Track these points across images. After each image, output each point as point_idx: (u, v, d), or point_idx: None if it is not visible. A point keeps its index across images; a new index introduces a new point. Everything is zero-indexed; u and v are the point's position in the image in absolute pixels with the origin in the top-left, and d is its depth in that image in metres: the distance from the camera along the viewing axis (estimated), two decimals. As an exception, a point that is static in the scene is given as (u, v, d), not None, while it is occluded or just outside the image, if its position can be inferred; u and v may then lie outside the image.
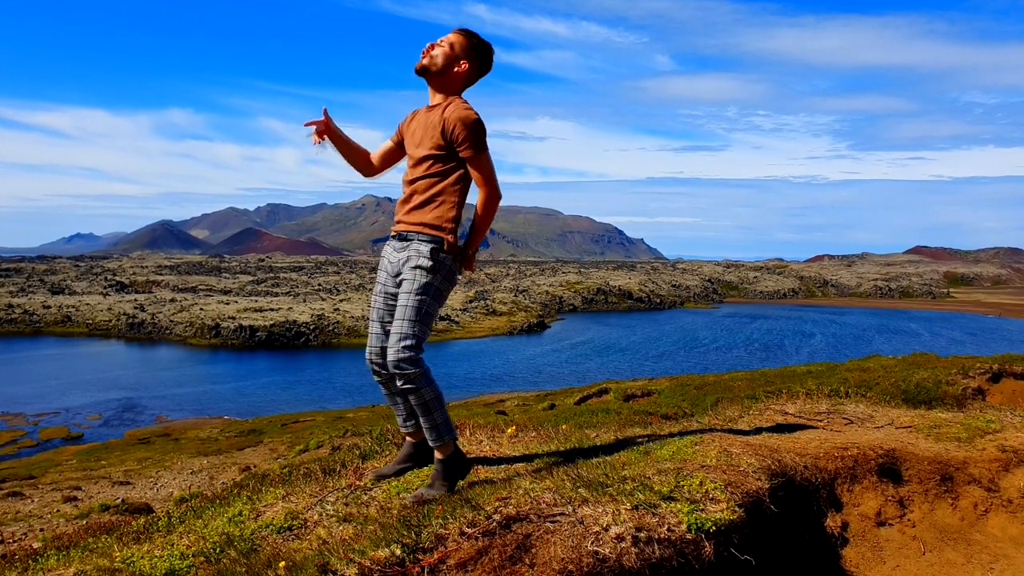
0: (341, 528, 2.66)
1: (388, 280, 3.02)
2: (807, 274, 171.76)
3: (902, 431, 3.97)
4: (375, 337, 3.04)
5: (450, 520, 2.36)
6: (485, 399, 39.65)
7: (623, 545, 2.28)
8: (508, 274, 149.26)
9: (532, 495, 2.52)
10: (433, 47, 2.95)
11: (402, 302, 2.87)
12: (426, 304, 2.86)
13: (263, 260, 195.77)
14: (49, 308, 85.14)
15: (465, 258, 3.00)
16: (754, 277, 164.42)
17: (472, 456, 3.43)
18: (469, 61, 2.95)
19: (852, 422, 4.20)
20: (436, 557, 2.20)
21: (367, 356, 3.06)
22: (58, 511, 17.78)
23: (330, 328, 78.39)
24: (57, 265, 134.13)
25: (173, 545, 2.78)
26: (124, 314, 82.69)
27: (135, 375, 56.02)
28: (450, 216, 2.91)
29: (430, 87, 2.98)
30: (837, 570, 3.18)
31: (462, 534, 2.29)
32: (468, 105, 2.89)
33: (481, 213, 2.94)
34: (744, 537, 2.58)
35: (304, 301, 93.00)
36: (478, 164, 2.88)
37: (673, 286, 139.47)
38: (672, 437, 3.67)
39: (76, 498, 19.48)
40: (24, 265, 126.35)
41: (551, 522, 2.35)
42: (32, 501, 19.39)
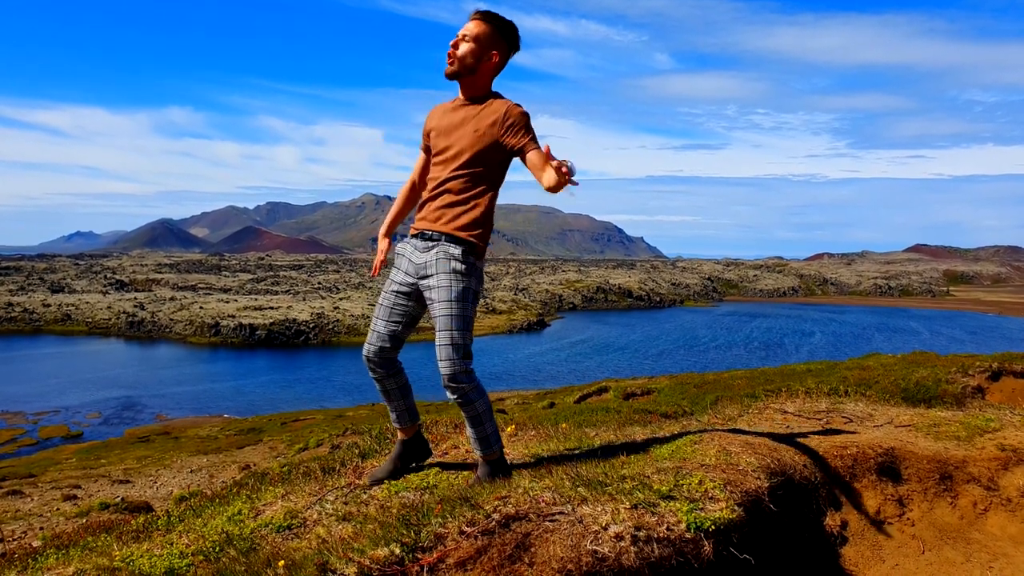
0: (340, 527, 2.66)
1: (405, 279, 2.88)
2: (807, 272, 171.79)
3: (901, 430, 3.97)
4: (376, 335, 2.93)
5: (449, 519, 2.36)
6: (485, 397, 39.56)
7: (622, 544, 2.28)
8: (508, 272, 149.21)
9: (531, 494, 2.53)
10: (457, 45, 2.79)
11: (444, 311, 2.74)
12: (468, 310, 2.76)
13: (263, 258, 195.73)
14: (49, 307, 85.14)
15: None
16: (754, 275, 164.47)
17: (472, 455, 3.43)
18: (498, 49, 2.81)
19: (851, 421, 4.20)
20: (435, 556, 2.20)
21: (364, 352, 2.96)
22: (58, 509, 17.78)
23: (330, 326, 78.40)
24: (57, 263, 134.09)
25: (172, 544, 2.78)
26: (124, 312, 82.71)
27: (135, 373, 56.03)
28: (484, 220, 2.82)
29: (461, 85, 2.85)
30: (836, 569, 3.19)
31: (461, 533, 2.29)
32: (509, 101, 2.79)
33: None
34: (743, 536, 2.58)
35: (304, 299, 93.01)
36: (536, 149, 2.71)
37: (673, 284, 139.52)
38: (672, 436, 3.67)
39: (76, 496, 19.49)
40: (24, 263, 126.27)
41: (550, 521, 2.35)
42: (32, 499, 19.40)
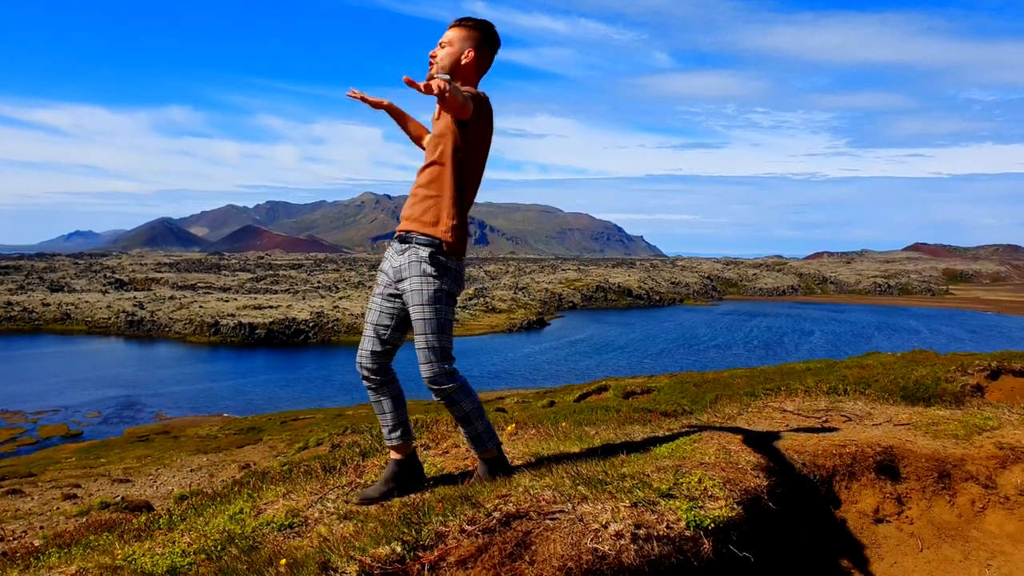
0: (342, 525, 2.67)
1: (388, 283, 2.89)
2: (806, 271, 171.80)
3: (900, 428, 3.98)
4: (367, 340, 2.91)
5: (450, 517, 2.37)
6: (485, 396, 39.66)
7: (622, 542, 2.29)
8: (507, 271, 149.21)
9: (532, 492, 2.53)
10: (435, 55, 2.86)
11: (418, 315, 2.74)
12: (443, 312, 2.76)
13: (262, 257, 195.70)
14: (48, 306, 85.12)
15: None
16: (753, 274, 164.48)
17: (472, 453, 3.44)
18: (474, 48, 2.84)
19: (851, 419, 4.21)
20: (436, 554, 2.21)
21: (357, 359, 2.93)
22: (58, 509, 17.79)
23: (329, 325, 78.40)
24: (56, 263, 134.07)
25: (174, 543, 2.79)
26: (123, 312, 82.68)
27: (134, 373, 56.03)
28: (449, 216, 2.79)
29: None
30: (835, 567, 3.20)
31: (462, 531, 2.30)
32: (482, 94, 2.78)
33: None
34: (742, 534, 2.59)
35: (303, 299, 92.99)
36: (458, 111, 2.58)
37: (672, 283, 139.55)
38: (671, 434, 3.68)
39: (76, 496, 19.50)
40: (23, 263, 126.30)
41: (551, 519, 2.36)
42: (32, 499, 19.40)
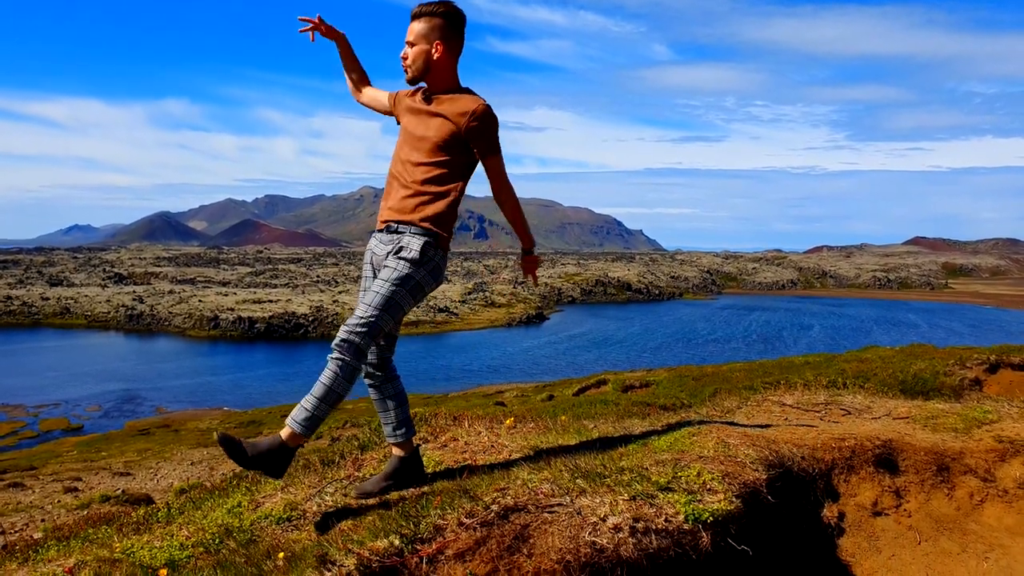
0: (340, 519, 2.67)
1: (373, 274, 2.86)
2: (806, 265, 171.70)
3: (899, 422, 3.98)
4: None
5: (448, 511, 2.37)
6: (484, 390, 39.70)
7: (621, 535, 2.29)
8: (507, 265, 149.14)
9: (530, 486, 2.53)
10: (406, 56, 2.80)
11: (376, 287, 2.69)
12: (399, 296, 2.68)
13: (261, 252, 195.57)
14: (48, 300, 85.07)
15: (531, 261, 3.04)
16: (753, 268, 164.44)
17: (471, 447, 3.44)
18: (441, 38, 2.75)
19: (850, 413, 4.22)
20: (435, 547, 2.21)
21: None
22: (59, 502, 17.83)
23: (329, 319, 78.37)
24: (55, 257, 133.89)
25: (173, 536, 2.79)
26: (123, 306, 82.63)
27: (134, 367, 56.05)
28: (450, 212, 2.80)
29: (427, 84, 2.85)
30: (834, 559, 3.20)
31: (460, 524, 2.30)
32: (481, 100, 2.75)
33: (514, 215, 2.94)
34: (741, 527, 2.59)
35: (303, 293, 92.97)
36: (495, 164, 2.82)
37: (672, 277, 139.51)
38: (670, 428, 3.68)
39: (77, 489, 19.53)
40: (22, 257, 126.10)
41: (549, 512, 2.36)
42: (33, 492, 19.44)
